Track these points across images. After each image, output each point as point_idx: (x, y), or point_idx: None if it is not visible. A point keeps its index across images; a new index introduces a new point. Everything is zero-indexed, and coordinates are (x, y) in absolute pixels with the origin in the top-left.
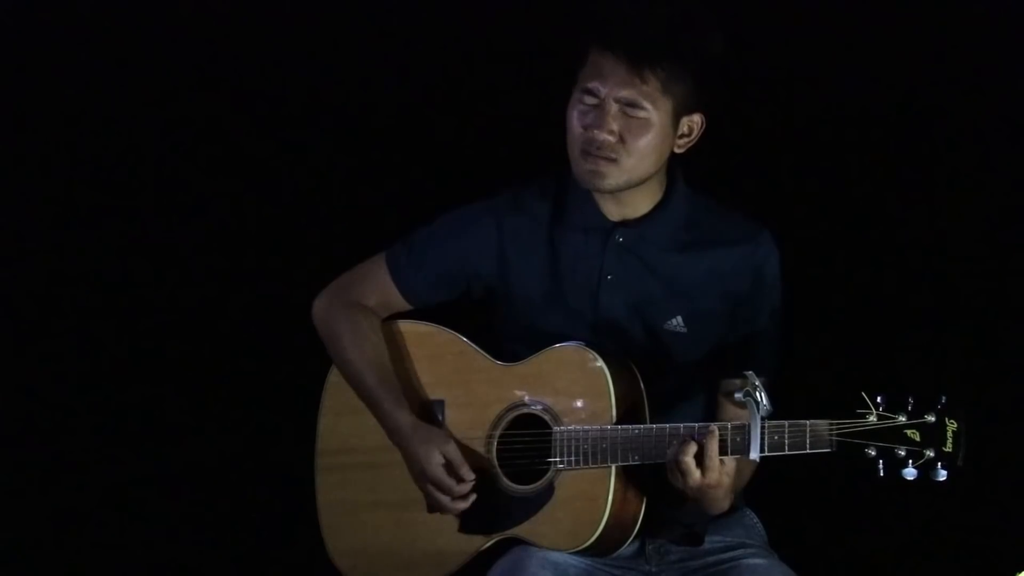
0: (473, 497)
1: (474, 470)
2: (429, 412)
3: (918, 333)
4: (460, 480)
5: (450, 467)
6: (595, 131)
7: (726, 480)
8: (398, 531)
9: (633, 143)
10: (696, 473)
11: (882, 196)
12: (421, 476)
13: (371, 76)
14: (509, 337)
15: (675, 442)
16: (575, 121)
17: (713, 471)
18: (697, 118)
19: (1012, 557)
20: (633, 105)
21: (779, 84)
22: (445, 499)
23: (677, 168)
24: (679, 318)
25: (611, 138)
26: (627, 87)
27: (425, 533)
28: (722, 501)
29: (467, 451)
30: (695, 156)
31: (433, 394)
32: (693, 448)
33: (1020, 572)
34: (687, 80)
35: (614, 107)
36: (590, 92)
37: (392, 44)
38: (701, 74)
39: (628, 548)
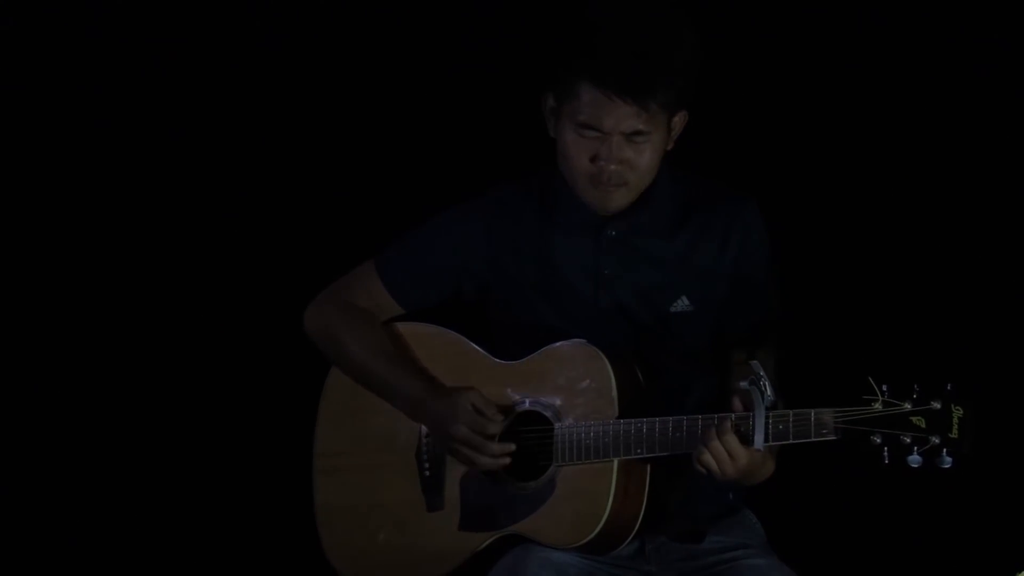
0: (511, 447)
1: (476, 469)
2: None
3: (924, 320)
4: (491, 420)
5: (479, 411)
6: (603, 163)
7: (731, 471)
8: (396, 531)
9: (640, 163)
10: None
11: (890, 183)
12: (452, 428)
13: (361, 80)
14: (507, 336)
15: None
16: (577, 152)
17: (726, 464)
18: (682, 114)
19: (1012, 557)
20: (639, 133)
21: (785, 79)
22: (479, 441)
23: None
24: (684, 298)
25: (621, 168)
26: (631, 119)
27: (424, 532)
28: (758, 475)
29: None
30: (702, 154)
31: None
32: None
33: (1020, 573)
34: (678, 90)
35: (619, 139)
36: (590, 126)
37: (377, 48)
38: (688, 79)
39: (628, 548)
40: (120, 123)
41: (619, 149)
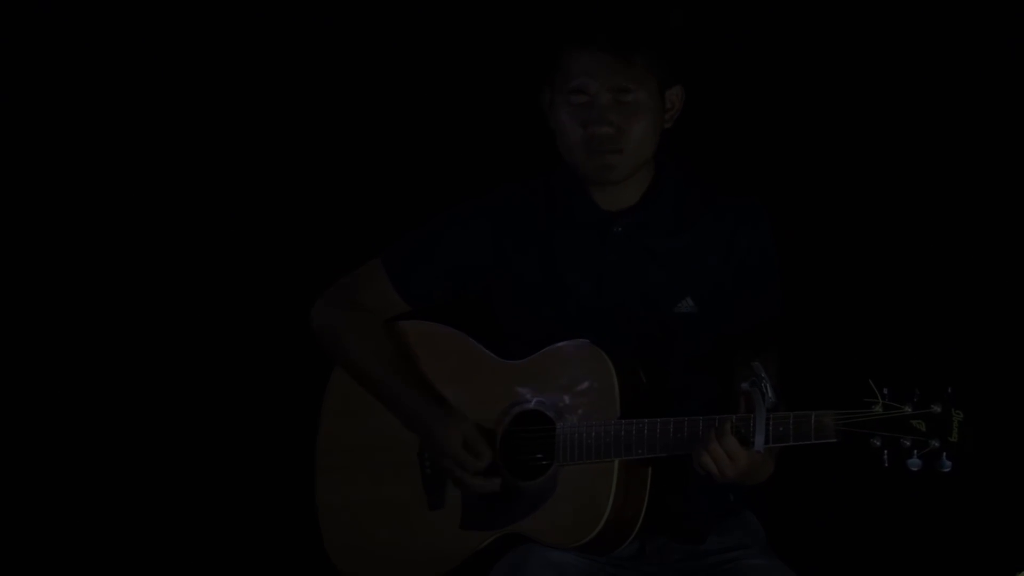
0: (497, 481)
1: None
2: None
3: (925, 324)
4: (477, 456)
5: (468, 445)
6: (595, 127)
7: (730, 473)
8: (397, 529)
9: (632, 128)
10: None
11: (891, 186)
12: (441, 454)
13: (366, 78)
14: (511, 334)
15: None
16: (571, 123)
17: (725, 466)
18: (678, 90)
19: (1012, 557)
20: (625, 91)
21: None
22: (464, 475)
23: (662, 148)
24: (688, 299)
25: (611, 130)
26: (616, 74)
27: (425, 531)
28: (758, 476)
29: None
30: (704, 151)
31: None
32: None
33: (1020, 573)
34: (666, 54)
35: (607, 98)
36: (579, 91)
37: (384, 45)
38: (675, 45)
39: (629, 548)
40: (124, 119)
41: (608, 110)
